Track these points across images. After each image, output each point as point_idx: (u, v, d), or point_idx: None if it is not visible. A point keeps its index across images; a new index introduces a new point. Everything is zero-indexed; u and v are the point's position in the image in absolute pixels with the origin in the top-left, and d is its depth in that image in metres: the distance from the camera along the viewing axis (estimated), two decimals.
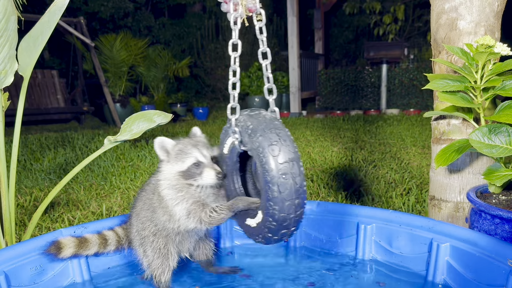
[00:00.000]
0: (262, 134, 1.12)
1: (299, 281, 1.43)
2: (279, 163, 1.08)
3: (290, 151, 1.10)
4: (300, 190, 1.10)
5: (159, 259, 1.38)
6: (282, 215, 1.10)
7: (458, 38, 1.63)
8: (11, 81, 1.62)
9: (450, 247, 1.35)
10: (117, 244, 1.51)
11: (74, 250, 1.42)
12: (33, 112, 7.58)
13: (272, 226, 1.13)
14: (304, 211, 1.14)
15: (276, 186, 1.08)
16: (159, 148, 1.31)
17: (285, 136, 1.12)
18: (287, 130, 1.15)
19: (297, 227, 1.16)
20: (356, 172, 3.10)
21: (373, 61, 8.59)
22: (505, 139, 1.36)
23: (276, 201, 1.09)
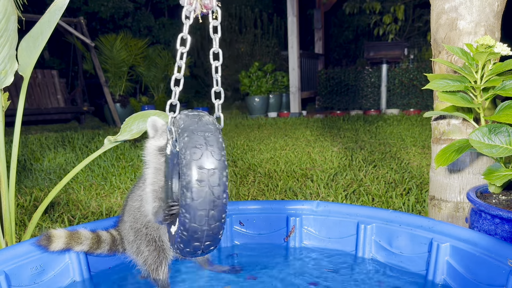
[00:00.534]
0: (189, 135, 1.04)
1: (299, 281, 1.43)
2: (197, 168, 1.00)
3: (214, 158, 1.02)
4: (217, 202, 1.01)
5: (155, 251, 1.38)
6: (193, 225, 1.01)
7: (458, 38, 1.63)
8: (11, 81, 1.62)
9: (450, 247, 1.36)
10: (111, 245, 1.50)
11: (65, 241, 1.40)
12: (33, 112, 7.59)
13: (183, 236, 1.05)
14: (222, 227, 1.05)
15: (189, 192, 1.00)
16: (151, 126, 1.32)
17: (213, 142, 1.03)
18: (219, 137, 1.06)
19: (213, 242, 1.06)
20: (356, 172, 3.10)
21: (373, 61, 8.59)
22: (505, 139, 1.36)
23: (187, 209, 1.01)
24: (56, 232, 1.41)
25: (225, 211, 1.04)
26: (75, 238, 1.43)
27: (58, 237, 1.40)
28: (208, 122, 1.08)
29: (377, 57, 8.38)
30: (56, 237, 1.40)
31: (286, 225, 1.72)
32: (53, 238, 1.39)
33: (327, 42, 12.10)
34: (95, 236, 1.47)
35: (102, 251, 1.49)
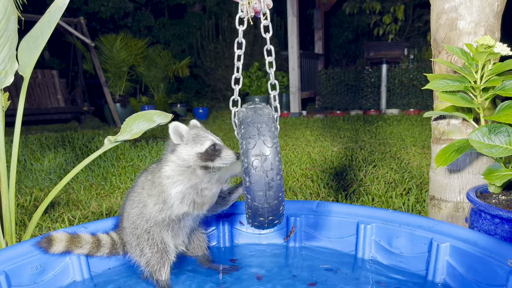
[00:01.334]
0: (245, 127, 1.19)
1: (299, 281, 1.43)
2: (252, 156, 1.14)
3: (266, 146, 1.15)
4: (271, 184, 1.15)
5: (158, 253, 1.39)
6: (254, 204, 1.17)
7: (458, 38, 1.63)
8: (11, 81, 1.62)
9: (450, 247, 1.36)
10: (111, 248, 1.50)
11: (66, 245, 1.41)
12: (33, 112, 7.59)
13: (248, 212, 1.21)
14: (281, 204, 1.19)
15: (248, 177, 1.15)
16: (173, 132, 1.37)
17: (265, 131, 1.17)
18: (271, 126, 1.19)
19: (276, 217, 1.22)
20: (356, 172, 3.10)
21: (373, 61, 8.59)
22: (504, 139, 1.36)
23: (248, 191, 1.16)
24: (57, 235, 1.42)
25: (281, 190, 1.18)
26: (76, 242, 1.43)
27: (59, 240, 1.40)
28: (263, 114, 1.22)
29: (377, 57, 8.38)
30: (57, 240, 1.40)
31: (286, 225, 1.72)
32: (54, 241, 1.40)
33: (327, 42, 12.10)
34: (95, 240, 1.47)
35: (102, 254, 1.49)
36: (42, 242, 1.38)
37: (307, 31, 12.34)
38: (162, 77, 8.81)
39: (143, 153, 4.06)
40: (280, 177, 1.17)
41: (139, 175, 1.49)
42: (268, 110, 1.25)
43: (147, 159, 3.80)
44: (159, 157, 4.06)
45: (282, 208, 1.21)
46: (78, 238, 1.44)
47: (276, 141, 1.17)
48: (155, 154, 4.07)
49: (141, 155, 3.98)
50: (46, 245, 1.38)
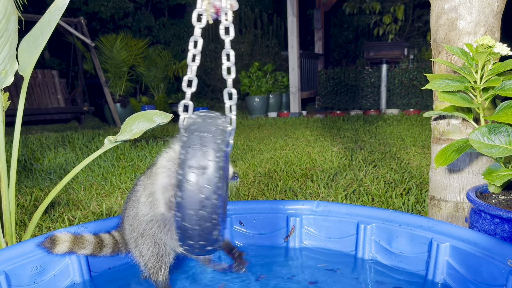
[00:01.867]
0: (188, 135, 1.06)
1: (299, 281, 1.43)
2: (187, 168, 1.01)
3: (205, 158, 1.02)
4: (205, 203, 1.01)
5: (155, 255, 1.39)
6: (184, 224, 1.04)
7: (458, 38, 1.63)
8: (11, 81, 1.62)
9: (450, 247, 1.36)
10: (114, 247, 1.50)
11: (69, 245, 1.41)
12: (33, 112, 7.59)
13: (178, 233, 1.07)
14: (215, 228, 1.04)
15: (180, 191, 1.02)
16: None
17: (208, 142, 1.04)
18: (218, 138, 1.05)
19: (208, 242, 1.06)
20: (356, 172, 3.10)
21: (373, 61, 8.59)
22: (504, 139, 1.36)
23: (178, 207, 1.03)
24: (61, 235, 1.42)
25: (218, 212, 1.03)
26: (79, 243, 1.43)
27: (63, 241, 1.40)
28: (212, 124, 1.08)
29: (377, 57, 8.38)
30: (61, 241, 1.40)
31: (286, 225, 1.72)
32: (57, 241, 1.40)
33: (327, 42, 12.10)
34: (98, 241, 1.47)
35: (105, 254, 1.49)
36: (46, 242, 1.38)
37: (307, 31, 12.34)
38: (162, 77, 8.82)
39: (143, 153, 4.06)
40: (218, 197, 1.02)
41: (141, 176, 1.49)
42: (221, 121, 1.10)
43: (147, 159, 3.80)
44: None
45: (216, 233, 1.06)
46: (82, 239, 1.44)
47: (219, 156, 1.03)
48: (155, 154, 4.07)
49: (141, 155, 3.98)
50: (50, 245, 1.39)
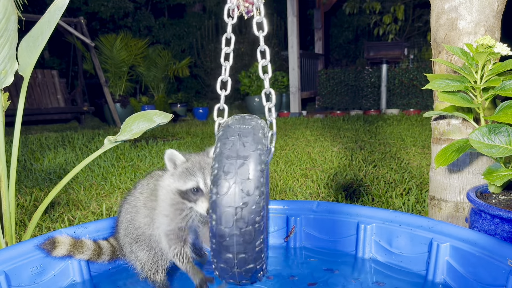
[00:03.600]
0: (224, 129, 0.98)
1: (299, 281, 1.43)
2: (224, 159, 0.90)
3: (246, 148, 0.91)
4: (246, 199, 0.87)
5: (151, 259, 1.39)
6: (220, 229, 0.89)
7: (458, 38, 1.63)
8: (11, 81, 1.62)
9: (450, 247, 1.35)
10: (112, 255, 1.50)
11: (68, 249, 1.41)
12: (33, 112, 7.59)
13: (211, 246, 0.92)
14: (258, 236, 0.89)
15: (214, 187, 0.90)
16: (168, 159, 1.27)
17: (247, 134, 0.94)
18: (259, 131, 0.97)
19: (250, 257, 0.90)
20: (356, 172, 3.10)
21: (373, 61, 8.60)
22: (505, 139, 1.36)
23: (213, 206, 0.90)
24: (62, 238, 1.42)
25: (260, 213, 0.88)
26: (78, 247, 1.43)
27: (62, 244, 1.40)
28: (251, 119, 1.00)
29: (377, 57, 8.39)
30: (61, 244, 1.40)
31: (286, 225, 1.72)
32: (57, 244, 1.40)
33: (327, 42, 12.10)
34: (96, 247, 1.47)
35: (102, 261, 1.49)
36: (46, 244, 1.38)
37: (307, 31, 12.33)
38: (162, 77, 8.82)
39: (143, 153, 4.06)
40: (261, 194, 0.88)
41: (141, 179, 1.48)
42: (260, 120, 1.03)
43: (147, 159, 3.80)
44: (159, 157, 4.06)
45: (260, 245, 0.92)
46: (81, 244, 1.44)
47: (261, 148, 0.92)
48: (155, 154, 4.07)
49: (141, 155, 3.98)
50: (49, 247, 1.38)
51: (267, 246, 0.96)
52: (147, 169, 3.42)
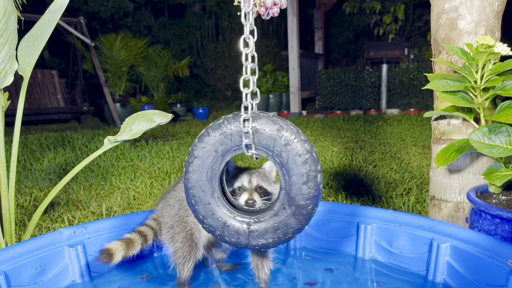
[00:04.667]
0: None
1: (299, 281, 1.43)
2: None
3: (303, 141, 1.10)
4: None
5: (187, 247, 1.41)
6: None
7: (458, 38, 1.63)
8: (11, 81, 1.62)
9: (450, 247, 1.35)
10: (154, 237, 1.52)
11: (123, 253, 1.41)
12: (33, 112, 7.58)
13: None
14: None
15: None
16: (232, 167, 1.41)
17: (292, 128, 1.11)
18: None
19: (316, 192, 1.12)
20: (356, 172, 3.10)
21: (373, 61, 8.60)
22: (505, 139, 1.35)
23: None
24: (114, 246, 1.40)
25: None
26: (130, 247, 1.42)
27: (118, 251, 1.39)
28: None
29: (377, 57, 8.39)
30: (116, 251, 1.39)
31: None
32: (114, 254, 1.38)
33: (327, 42, 12.09)
34: (142, 238, 1.47)
35: (148, 245, 1.50)
36: (103, 257, 1.36)
37: (307, 31, 12.33)
38: (162, 77, 8.81)
39: (143, 153, 4.06)
40: None
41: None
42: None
43: (147, 159, 3.80)
44: (159, 157, 4.05)
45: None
46: (132, 242, 1.44)
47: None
48: (155, 154, 4.06)
49: (141, 155, 3.98)
50: (108, 259, 1.37)
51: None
52: (147, 169, 3.42)
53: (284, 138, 1.09)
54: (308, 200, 1.11)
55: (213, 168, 1.15)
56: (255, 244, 1.17)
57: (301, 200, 1.11)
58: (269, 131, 1.09)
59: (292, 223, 1.13)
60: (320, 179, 1.11)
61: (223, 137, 1.13)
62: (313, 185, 1.10)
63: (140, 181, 3.04)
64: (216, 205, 1.17)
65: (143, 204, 2.57)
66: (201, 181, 1.16)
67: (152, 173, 3.29)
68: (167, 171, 3.33)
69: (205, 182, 1.16)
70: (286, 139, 1.08)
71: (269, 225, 1.15)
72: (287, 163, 1.09)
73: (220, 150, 1.14)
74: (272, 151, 1.10)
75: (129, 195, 2.73)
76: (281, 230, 1.15)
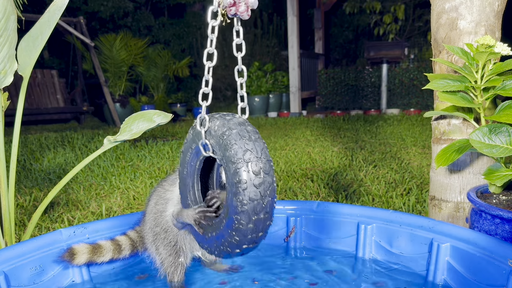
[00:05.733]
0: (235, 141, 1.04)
1: (299, 281, 1.43)
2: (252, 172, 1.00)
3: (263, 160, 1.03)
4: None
5: (171, 256, 1.39)
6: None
7: (458, 37, 1.63)
8: (11, 81, 1.61)
9: (451, 247, 1.35)
10: (132, 248, 1.50)
11: (88, 256, 1.41)
12: (32, 112, 7.58)
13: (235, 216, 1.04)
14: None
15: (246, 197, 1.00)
16: None
17: (258, 146, 1.04)
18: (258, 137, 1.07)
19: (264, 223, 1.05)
20: (356, 172, 3.09)
21: (373, 61, 8.59)
22: (505, 139, 1.35)
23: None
24: (79, 247, 1.41)
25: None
26: (97, 253, 1.42)
27: (81, 253, 1.40)
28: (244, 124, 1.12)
29: (377, 57, 8.38)
30: (80, 253, 1.40)
31: (286, 225, 1.72)
32: (76, 254, 1.39)
33: (327, 42, 12.09)
34: (115, 246, 1.46)
35: (123, 257, 1.49)
36: (65, 255, 1.38)
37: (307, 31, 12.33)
38: (162, 77, 8.81)
39: (142, 153, 4.06)
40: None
41: (173, 171, 1.47)
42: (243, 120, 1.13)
43: (147, 159, 3.79)
44: (159, 157, 4.05)
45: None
46: (99, 248, 1.43)
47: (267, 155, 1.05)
48: (155, 154, 4.06)
49: (140, 155, 3.98)
50: (69, 258, 1.38)
51: None
52: (147, 169, 3.42)
53: (225, 142, 1.03)
54: (237, 215, 1.01)
55: (191, 164, 1.18)
56: (206, 247, 1.18)
57: (232, 212, 1.03)
58: (218, 133, 1.05)
59: (227, 236, 1.06)
60: (254, 195, 0.99)
61: (194, 136, 1.15)
62: (241, 199, 1.00)
63: (140, 181, 3.04)
64: (190, 200, 1.21)
65: (143, 204, 2.57)
66: (183, 174, 1.21)
67: (152, 173, 3.29)
68: (167, 171, 3.33)
69: (186, 176, 1.20)
70: (226, 142, 1.03)
71: (214, 232, 1.12)
72: (225, 170, 1.04)
73: (194, 147, 1.16)
74: (218, 154, 1.06)
75: (129, 195, 2.73)
76: (219, 240, 1.11)
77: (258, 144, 1.03)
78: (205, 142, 1.09)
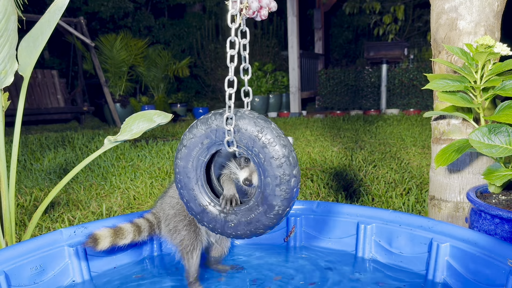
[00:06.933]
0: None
1: (299, 281, 1.43)
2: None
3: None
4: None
5: (193, 233, 1.43)
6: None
7: (458, 38, 1.63)
8: (11, 81, 1.62)
9: (450, 247, 1.36)
10: (150, 230, 1.53)
11: (111, 240, 1.42)
12: (33, 112, 7.58)
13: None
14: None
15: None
16: None
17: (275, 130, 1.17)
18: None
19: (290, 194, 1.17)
20: (356, 172, 3.10)
21: (373, 61, 8.59)
22: (504, 139, 1.36)
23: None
24: (101, 232, 1.42)
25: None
26: (120, 235, 1.44)
27: (104, 237, 1.41)
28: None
29: (377, 57, 8.38)
30: (102, 237, 1.41)
31: (286, 225, 1.72)
32: (99, 239, 1.40)
33: (327, 42, 12.10)
34: (135, 228, 1.48)
35: (142, 239, 1.51)
36: (88, 242, 1.38)
37: (307, 31, 12.33)
38: (162, 77, 8.81)
39: (143, 153, 4.06)
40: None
41: None
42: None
43: (147, 159, 3.80)
44: (159, 157, 4.05)
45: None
46: (121, 231, 1.45)
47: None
48: (155, 154, 4.07)
49: (141, 155, 3.98)
50: (93, 244, 1.39)
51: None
52: (147, 169, 3.42)
53: (262, 141, 1.14)
54: (280, 202, 1.17)
55: (199, 158, 1.24)
56: (229, 233, 1.26)
57: (273, 200, 1.16)
58: (250, 132, 1.15)
59: (264, 220, 1.20)
60: (295, 183, 1.16)
61: (208, 131, 1.20)
62: (286, 188, 1.15)
63: (140, 181, 3.04)
64: (199, 192, 1.26)
65: (143, 204, 2.58)
66: (187, 168, 1.25)
67: (152, 173, 3.30)
68: (167, 171, 3.33)
69: (191, 169, 1.25)
70: (264, 141, 1.14)
71: (243, 218, 1.22)
72: (263, 164, 1.15)
73: (206, 143, 1.22)
74: (251, 151, 1.16)
75: (129, 195, 2.73)
76: (253, 224, 1.22)
77: (285, 138, 1.16)
78: (232, 139, 1.17)
